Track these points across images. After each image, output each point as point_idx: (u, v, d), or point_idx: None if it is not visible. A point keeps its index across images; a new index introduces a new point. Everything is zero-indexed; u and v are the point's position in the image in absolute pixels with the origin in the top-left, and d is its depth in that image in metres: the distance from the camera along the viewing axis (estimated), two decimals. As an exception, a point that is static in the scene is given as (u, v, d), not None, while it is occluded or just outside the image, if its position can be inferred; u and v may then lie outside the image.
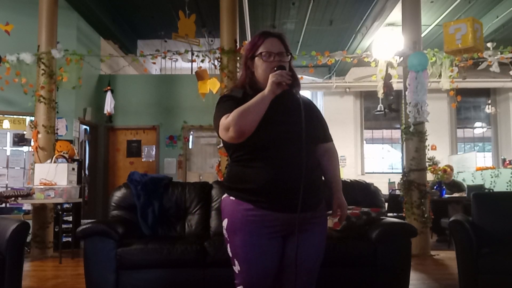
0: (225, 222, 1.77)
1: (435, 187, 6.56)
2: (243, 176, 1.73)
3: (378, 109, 9.90)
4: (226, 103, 1.75)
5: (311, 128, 1.74)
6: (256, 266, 1.71)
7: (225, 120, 1.65)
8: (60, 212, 5.60)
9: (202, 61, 6.13)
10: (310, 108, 1.84)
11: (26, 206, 6.01)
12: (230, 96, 1.80)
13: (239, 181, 1.74)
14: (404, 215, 5.71)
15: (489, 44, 5.80)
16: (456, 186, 7.14)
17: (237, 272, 1.76)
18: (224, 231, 1.78)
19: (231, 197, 1.76)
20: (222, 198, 1.82)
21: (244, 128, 1.62)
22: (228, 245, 1.77)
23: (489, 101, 11.53)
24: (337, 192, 1.90)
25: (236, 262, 1.75)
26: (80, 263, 3.63)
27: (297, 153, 1.67)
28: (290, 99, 1.76)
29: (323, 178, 1.89)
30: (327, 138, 1.93)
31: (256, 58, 1.79)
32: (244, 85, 1.82)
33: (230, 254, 1.77)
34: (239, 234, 1.72)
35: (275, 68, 1.70)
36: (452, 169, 7.48)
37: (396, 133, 11.62)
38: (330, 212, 1.92)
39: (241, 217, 1.71)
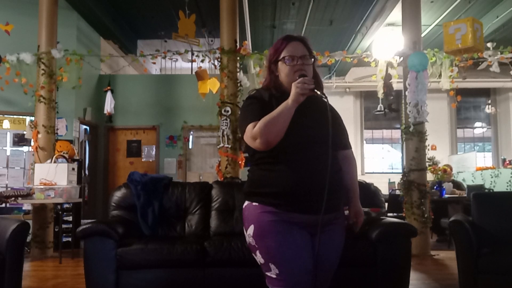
0: (251, 229, 1.74)
1: (435, 187, 6.57)
2: (266, 180, 1.74)
3: (378, 109, 9.90)
4: (252, 106, 1.77)
5: (335, 133, 1.76)
6: (296, 263, 1.68)
7: (252, 130, 1.68)
8: (60, 212, 5.60)
9: (202, 61, 6.14)
10: (334, 113, 1.86)
11: (26, 206, 6.01)
12: (256, 98, 1.81)
13: (262, 185, 1.74)
14: (404, 215, 5.71)
15: (489, 44, 5.81)
16: (455, 185, 7.14)
17: (274, 276, 1.69)
18: (251, 239, 1.74)
19: (254, 203, 1.75)
20: (244, 206, 1.80)
21: (271, 139, 1.66)
22: (258, 252, 1.73)
23: (489, 101, 11.54)
24: (354, 200, 1.93)
25: (272, 267, 1.69)
26: (80, 263, 3.63)
27: (321, 157, 1.69)
28: (316, 103, 1.78)
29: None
30: (347, 145, 1.96)
31: (280, 63, 1.81)
32: (269, 87, 1.84)
33: (262, 261, 1.72)
34: (270, 237, 1.69)
35: (297, 77, 1.71)
36: (451, 169, 7.48)
37: (396, 133, 11.62)
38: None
39: (268, 220, 1.70)
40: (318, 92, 1.70)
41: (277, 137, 1.66)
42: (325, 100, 1.74)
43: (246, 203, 1.80)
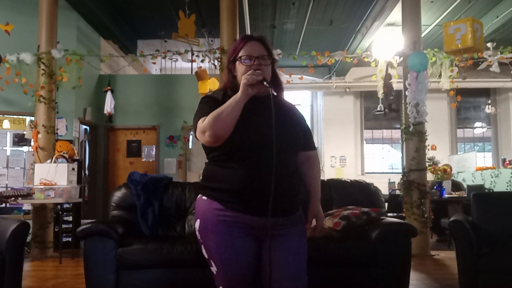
0: (197, 223, 1.76)
1: (435, 187, 6.57)
2: (216, 175, 1.74)
3: (378, 109, 9.90)
4: (205, 104, 1.77)
5: (288, 133, 1.74)
6: (231, 267, 1.69)
7: (201, 124, 1.67)
8: (60, 212, 5.60)
9: (202, 61, 6.13)
10: (291, 113, 1.83)
11: (26, 206, 6.01)
12: (210, 97, 1.81)
13: (213, 180, 1.75)
14: (404, 215, 5.71)
15: (489, 44, 5.81)
16: (455, 185, 7.14)
17: (215, 273, 1.74)
18: (197, 233, 1.77)
19: (204, 197, 1.76)
20: (197, 198, 1.82)
21: (219, 132, 1.63)
22: (202, 247, 1.76)
23: (489, 101, 11.53)
24: (314, 201, 1.89)
25: (212, 263, 1.73)
26: (80, 263, 3.63)
27: (269, 157, 1.64)
28: (269, 103, 1.71)
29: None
30: (309, 146, 1.92)
31: (237, 62, 1.79)
32: (226, 88, 1.84)
33: (206, 256, 1.75)
34: (211, 235, 1.70)
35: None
36: (451, 169, 7.48)
37: (396, 133, 11.62)
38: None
39: (212, 217, 1.70)
40: (265, 83, 1.68)
41: (225, 130, 1.63)
42: (271, 90, 1.69)
43: (198, 196, 1.81)
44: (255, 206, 1.67)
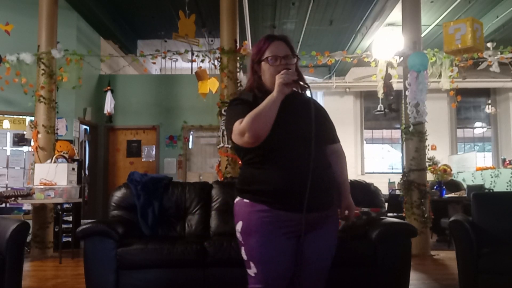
0: (239, 225, 1.77)
1: (435, 187, 6.56)
2: (255, 178, 1.74)
3: (378, 109, 9.90)
4: (238, 107, 1.76)
5: (320, 128, 1.77)
6: (273, 267, 1.70)
7: (239, 126, 1.66)
8: (60, 212, 5.60)
9: (202, 61, 6.13)
10: (318, 108, 1.86)
11: (26, 206, 6.01)
12: (241, 99, 1.81)
13: (252, 183, 1.75)
14: (404, 215, 5.71)
15: (489, 44, 5.81)
16: (454, 185, 7.14)
17: (253, 275, 1.74)
18: (238, 234, 1.77)
19: (245, 200, 1.76)
20: (235, 201, 1.82)
21: (259, 132, 1.63)
22: (243, 248, 1.76)
23: (489, 101, 11.53)
24: (345, 193, 1.93)
25: (252, 265, 1.73)
26: (80, 263, 3.63)
27: (306, 154, 1.68)
28: (299, 100, 1.79)
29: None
30: (335, 139, 1.96)
31: (263, 63, 1.80)
32: (252, 89, 1.84)
33: (245, 257, 1.76)
34: (255, 236, 1.71)
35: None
36: (451, 169, 7.48)
37: (396, 133, 11.62)
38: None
39: (256, 218, 1.71)
40: (301, 83, 1.70)
41: (265, 130, 1.64)
42: (309, 91, 1.72)
43: (238, 198, 1.81)
44: (294, 203, 1.69)
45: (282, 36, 1.84)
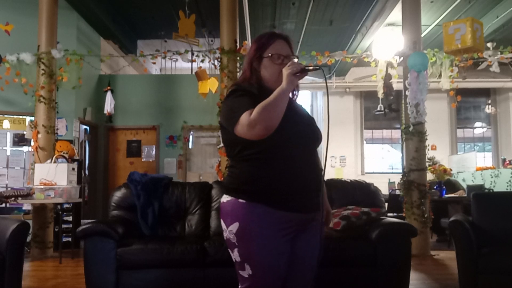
0: (234, 227, 1.67)
1: (435, 187, 6.56)
2: (258, 176, 1.67)
3: (378, 109, 9.90)
4: (243, 98, 1.69)
5: (316, 130, 1.80)
6: (273, 270, 1.67)
7: (248, 117, 1.58)
8: (60, 212, 5.60)
9: (202, 61, 6.13)
10: (307, 112, 1.90)
11: (26, 206, 6.01)
12: (244, 90, 1.73)
13: (253, 182, 1.68)
14: (404, 215, 5.71)
15: (489, 44, 5.80)
16: (450, 185, 7.12)
17: (246, 276, 1.69)
18: (231, 235, 1.69)
19: (240, 200, 1.68)
20: (226, 201, 1.72)
21: (271, 124, 1.57)
22: (236, 250, 1.69)
23: (489, 101, 11.53)
24: (325, 197, 1.92)
25: (247, 267, 1.68)
26: (80, 263, 3.63)
27: (311, 154, 1.72)
28: (294, 102, 1.81)
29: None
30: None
31: (266, 59, 1.78)
32: (251, 83, 1.79)
33: (239, 259, 1.69)
34: (255, 239, 1.65)
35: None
36: (450, 169, 7.48)
37: (396, 133, 11.62)
38: None
39: (257, 221, 1.65)
40: (311, 68, 1.68)
41: (276, 122, 1.58)
42: (322, 70, 1.73)
43: (229, 198, 1.71)
44: (302, 203, 1.69)
45: (284, 36, 1.83)
